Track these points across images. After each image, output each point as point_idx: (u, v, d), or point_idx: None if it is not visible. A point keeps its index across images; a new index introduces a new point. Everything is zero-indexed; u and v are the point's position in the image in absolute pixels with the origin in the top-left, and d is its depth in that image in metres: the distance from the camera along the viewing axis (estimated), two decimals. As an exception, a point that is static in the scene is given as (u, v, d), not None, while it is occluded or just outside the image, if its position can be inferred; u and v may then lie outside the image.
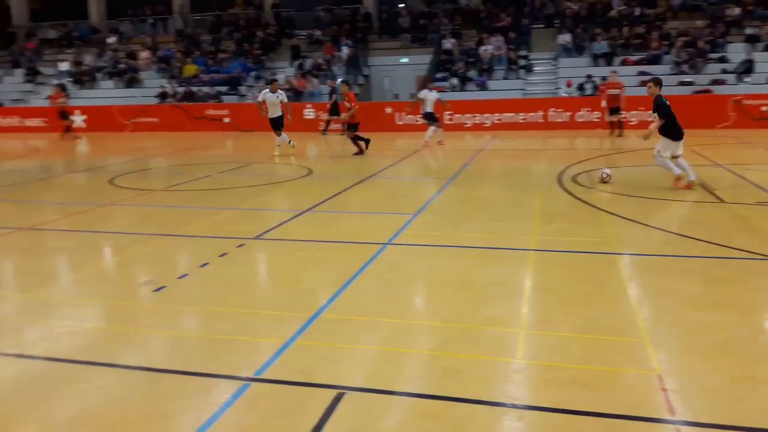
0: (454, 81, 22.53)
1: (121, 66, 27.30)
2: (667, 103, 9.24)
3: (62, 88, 23.15)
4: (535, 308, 4.88)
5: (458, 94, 21.77)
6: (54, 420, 3.44)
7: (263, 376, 3.78)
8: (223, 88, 24.57)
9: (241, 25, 28.44)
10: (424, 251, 6.57)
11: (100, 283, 5.95)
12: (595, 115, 19.38)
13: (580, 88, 20.99)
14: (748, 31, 21.82)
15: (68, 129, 21.47)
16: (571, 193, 9.40)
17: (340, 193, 10.06)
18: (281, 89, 15.93)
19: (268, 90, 15.02)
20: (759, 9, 22.95)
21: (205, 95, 24.05)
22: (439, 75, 23.02)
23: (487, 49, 23.28)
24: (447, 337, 4.39)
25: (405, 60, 25.87)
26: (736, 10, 22.85)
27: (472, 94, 22.03)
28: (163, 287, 5.52)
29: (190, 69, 25.76)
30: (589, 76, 20.99)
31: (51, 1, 35.05)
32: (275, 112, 14.79)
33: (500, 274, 5.78)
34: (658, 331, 4.37)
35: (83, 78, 27.13)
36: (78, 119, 23.75)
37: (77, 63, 28.11)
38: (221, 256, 6.49)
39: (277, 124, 14.82)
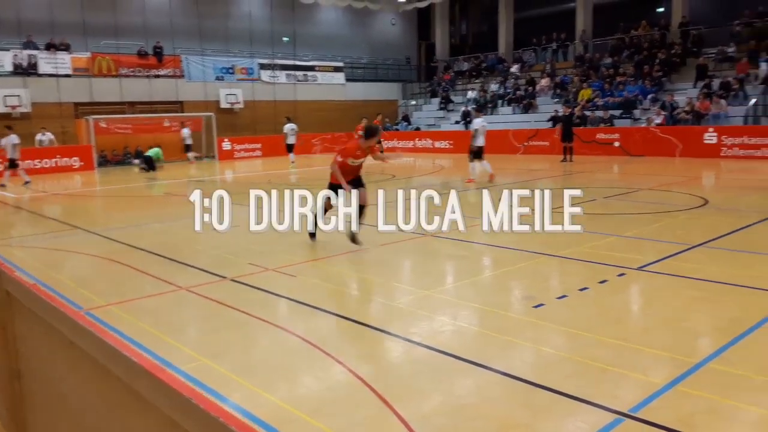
0: None
1: (519, 92, 29.09)
2: None
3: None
4: None
5: None
6: (429, 403, 3.85)
7: (638, 414, 3.56)
8: (617, 112, 24.04)
9: (644, 46, 27.35)
10: None
11: (484, 290, 6.46)
12: None
13: None
14: None
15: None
16: None
17: (741, 229, 8.83)
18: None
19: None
20: None
21: (598, 119, 23.86)
22: None
23: None
24: None
25: None
26: None
27: None
28: (542, 304, 5.68)
29: (585, 93, 25.91)
30: None
31: (467, 37, 39.67)
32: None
33: None
34: None
35: (486, 104, 29.79)
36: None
37: (483, 91, 31.01)
38: (601, 282, 6.36)
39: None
